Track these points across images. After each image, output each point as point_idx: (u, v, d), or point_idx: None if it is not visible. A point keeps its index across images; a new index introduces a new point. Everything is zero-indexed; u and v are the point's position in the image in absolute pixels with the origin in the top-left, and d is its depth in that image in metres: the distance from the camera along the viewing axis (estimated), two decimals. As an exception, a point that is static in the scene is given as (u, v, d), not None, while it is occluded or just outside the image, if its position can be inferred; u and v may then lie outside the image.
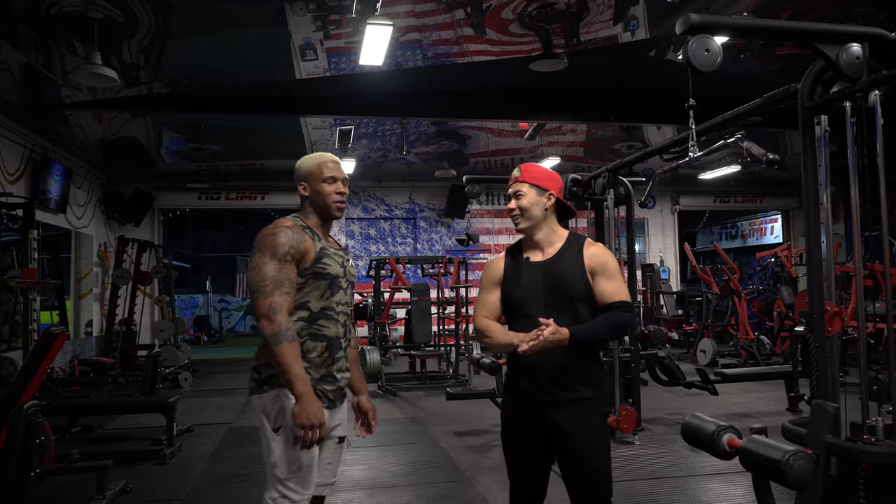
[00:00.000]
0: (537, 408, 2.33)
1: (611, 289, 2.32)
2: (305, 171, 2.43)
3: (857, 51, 2.90)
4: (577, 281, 2.32)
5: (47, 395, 6.28)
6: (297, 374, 2.15)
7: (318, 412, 2.14)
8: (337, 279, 2.37)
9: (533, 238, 2.43)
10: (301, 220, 2.40)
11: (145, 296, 12.05)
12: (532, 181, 2.41)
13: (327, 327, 2.34)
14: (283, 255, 2.24)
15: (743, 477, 4.17)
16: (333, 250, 2.41)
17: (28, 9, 6.12)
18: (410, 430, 6.33)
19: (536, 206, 2.39)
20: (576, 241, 2.41)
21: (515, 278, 2.41)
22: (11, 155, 8.56)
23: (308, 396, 2.14)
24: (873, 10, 6.45)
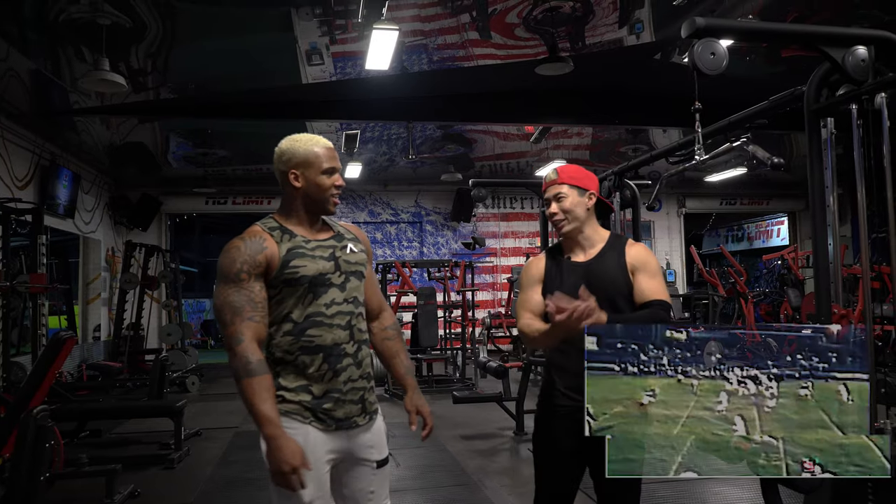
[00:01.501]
0: (574, 413, 2.17)
1: (651, 287, 2.27)
2: (301, 158, 2.09)
3: (863, 53, 2.90)
4: (620, 280, 2.28)
5: (56, 400, 6.32)
6: (262, 413, 1.87)
7: (289, 457, 1.86)
8: (320, 278, 2.04)
9: (575, 238, 2.38)
10: (274, 219, 2.12)
11: (153, 300, 12.10)
12: (571, 182, 2.36)
13: (320, 336, 2.02)
14: (235, 274, 1.96)
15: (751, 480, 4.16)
16: (316, 244, 2.09)
17: (37, 16, 6.16)
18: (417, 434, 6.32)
19: (579, 206, 2.35)
20: (618, 241, 2.39)
21: (557, 278, 2.34)
22: (20, 161, 8.61)
23: (277, 440, 1.86)
24: (879, 13, 6.43)
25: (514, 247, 14.10)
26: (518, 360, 8.92)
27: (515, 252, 14.03)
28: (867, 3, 6.37)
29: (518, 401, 6.19)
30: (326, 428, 2.03)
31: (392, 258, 13.20)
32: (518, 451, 5.74)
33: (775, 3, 6.25)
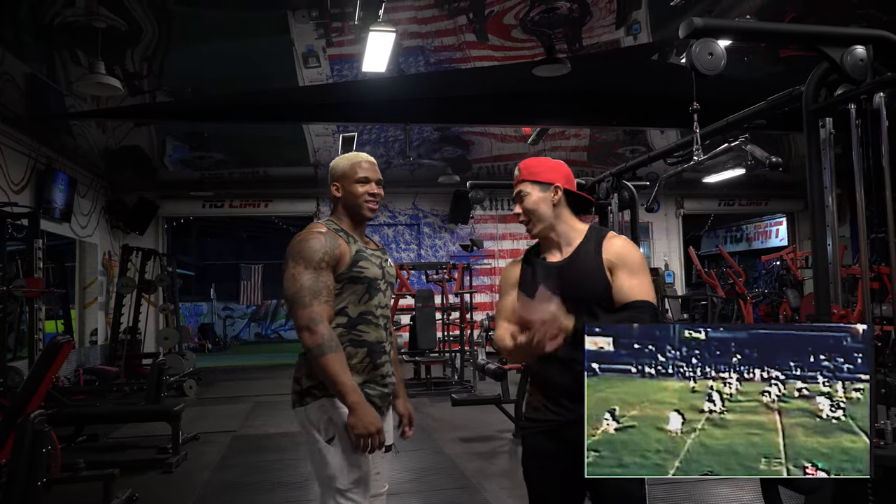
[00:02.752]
0: (557, 428, 2.06)
1: (631, 286, 2.03)
2: (339, 172, 2.38)
3: (862, 53, 2.89)
4: (595, 280, 2.04)
5: (53, 405, 6.29)
6: (346, 383, 2.11)
7: (373, 420, 2.11)
8: (375, 282, 2.30)
9: (549, 238, 2.17)
10: (334, 223, 2.35)
11: (150, 304, 12.07)
12: (531, 177, 2.16)
13: (367, 332, 2.27)
14: (318, 262, 2.18)
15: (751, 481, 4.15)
16: (371, 251, 2.35)
17: (32, 19, 6.14)
18: (416, 437, 6.29)
19: (543, 203, 2.13)
20: (595, 236, 2.13)
21: (531, 282, 2.12)
22: (16, 165, 8.59)
23: (361, 405, 2.10)
24: (877, 12, 6.44)
25: (513, 249, 14.09)
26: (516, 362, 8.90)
27: (514, 254, 14.00)
28: (865, 3, 6.37)
29: (517, 403, 6.18)
30: None
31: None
32: (517, 454, 5.73)
33: (773, 3, 6.25)
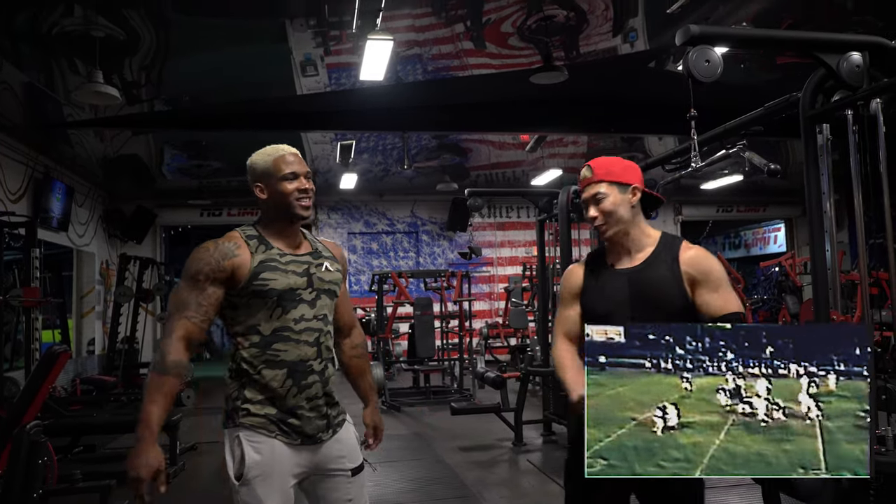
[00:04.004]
0: None
1: (719, 302, 1.96)
2: (261, 170, 2.10)
3: (858, 59, 2.90)
4: (672, 291, 1.98)
5: (50, 415, 6.25)
6: (146, 412, 1.85)
7: (148, 462, 1.81)
8: (290, 293, 2.02)
9: (621, 243, 2.07)
10: (254, 228, 2.11)
11: (147, 313, 12.04)
12: (609, 178, 2.06)
13: (286, 351, 2.00)
14: (194, 274, 1.98)
15: (752, 489, 4.13)
16: (291, 258, 2.07)
17: (30, 28, 6.15)
18: (415, 446, 6.29)
19: (622, 205, 2.04)
20: (671, 244, 2.06)
21: (597, 288, 2.07)
22: (13, 174, 8.58)
23: (143, 441, 1.82)
24: (873, 19, 6.46)
25: (511, 256, 14.09)
26: (516, 370, 8.88)
27: (512, 261, 14.01)
28: (861, 10, 6.40)
29: (516, 411, 6.16)
30: (292, 442, 2.01)
31: (388, 269, 13.16)
32: (517, 463, 5.70)
33: (769, 10, 6.27)
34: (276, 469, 1.96)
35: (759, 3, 6.20)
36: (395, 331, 11.38)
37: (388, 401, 8.47)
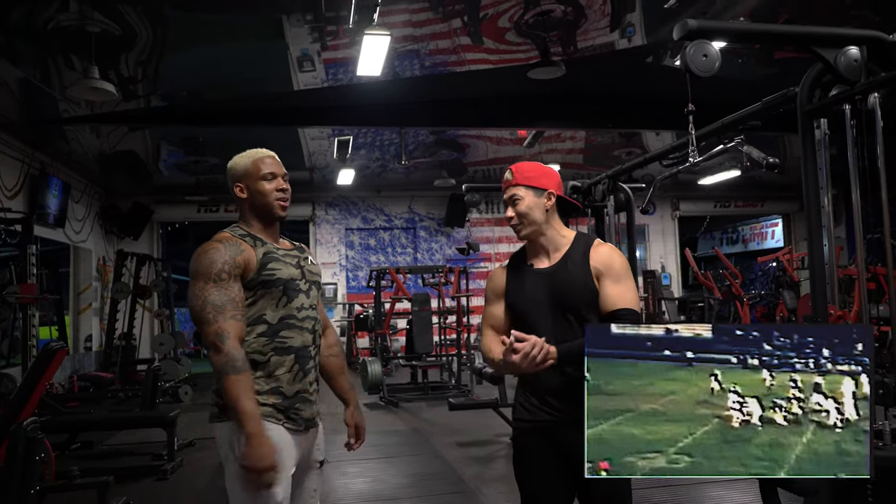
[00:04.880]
0: (548, 427, 2.11)
1: (614, 293, 2.07)
2: (241, 172, 2.21)
3: (855, 53, 2.89)
4: (583, 288, 2.09)
5: (47, 412, 6.26)
6: (247, 411, 1.92)
7: (267, 455, 1.92)
8: (292, 282, 2.14)
9: (537, 242, 2.20)
10: (241, 227, 2.19)
11: (145, 309, 12.02)
12: (526, 182, 2.17)
13: (292, 337, 2.11)
14: (217, 274, 2.02)
15: (750, 484, 4.14)
16: (284, 251, 2.19)
17: (25, 24, 6.12)
18: (412, 442, 6.29)
19: (536, 209, 2.16)
20: (582, 243, 2.17)
21: (518, 289, 2.19)
22: (9, 170, 8.55)
23: (258, 437, 1.92)
24: (870, 13, 6.45)
25: (509, 252, 14.03)
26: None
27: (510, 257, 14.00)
28: (858, 4, 6.39)
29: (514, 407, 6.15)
30: (297, 428, 2.11)
31: (386, 264, 13.17)
32: (514, 458, 5.70)
33: (767, 4, 6.27)
34: (283, 454, 2.02)
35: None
36: (393, 327, 11.38)
37: (385, 396, 8.47)
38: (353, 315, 12.77)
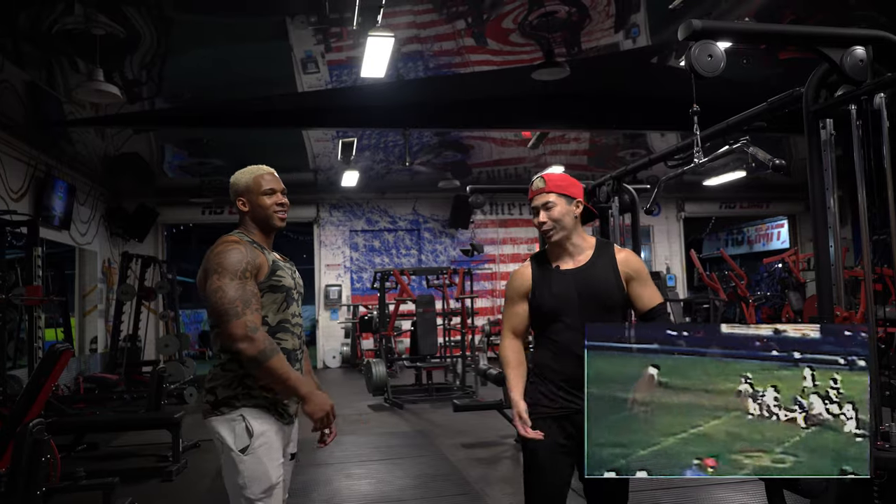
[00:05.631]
0: (568, 415, 2.29)
1: (647, 294, 2.37)
2: (243, 187, 2.39)
3: (861, 54, 2.88)
4: (613, 288, 2.33)
5: (52, 413, 6.26)
6: (297, 378, 2.19)
7: (325, 400, 2.22)
8: (290, 291, 2.35)
9: (564, 247, 2.39)
10: (246, 234, 2.36)
11: (150, 311, 12.05)
12: (559, 190, 2.37)
13: (285, 340, 2.30)
14: (242, 272, 2.19)
15: (756, 486, 4.13)
16: (282, 262, 2.39)
17: (31, 27, 6.14)
18: (417, 443, 6.29)
19: (567, 215, 2.37)
20: (606, 248, 2.41)
21: (546, 287, 2.36)
22: (15, 172, 8.58)
23: (314, 394, 2.21)
24: (875, 13, 6.43)
25: (513, 253, 14.07)
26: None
27: (514, 258, 14.00)
28: (863, 4, 6.37)
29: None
30: (284, 422, 2.31)
31: (390, 266, 13.17)
32: (520, 459, 5.68)
33: (772, 4, 6.25)
34: (276, 443, 2.25)
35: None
36: (398, 328, 11.38)
37: (390, 398, 8.47)
38: (358, 317, 12.77)
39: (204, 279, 2.22)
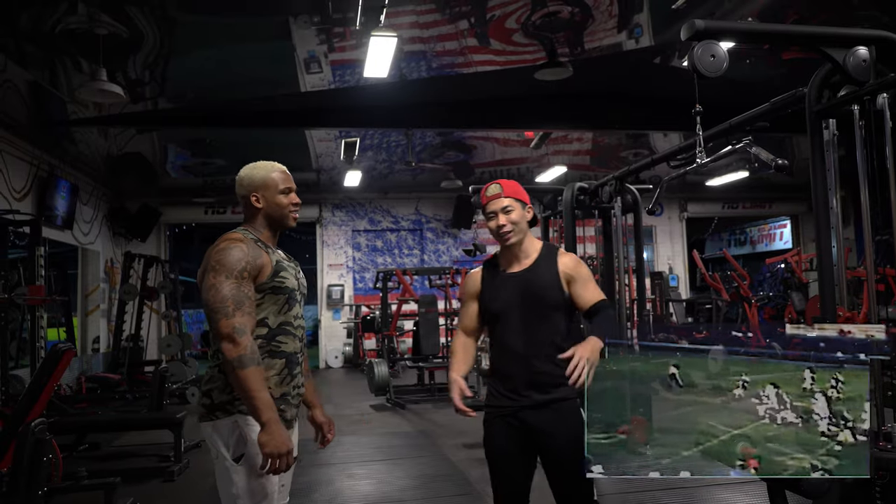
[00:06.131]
0: (515, 412, 2.42)
1: (590, 292, 2.45)
2: (259, 182, 2.30)
3: (864, 54, 2.87)
4: (554, 289, 2.43)
5: (55, 413, 6.27)
6: (263, 400, 2.02)
7: (285, 440, 2.02)
8: (293, 293, 2.27)
9: (514, 251, 2.52)
10: (250, 232, 2.27)
11: (152, 311, 12.06)
12: (515, 195, 2.50)
13: (286, 343, 2.23)
14: (239, 272, 2.11)
15: (757, 487, 4.11)
16: (286, 262, 2.32)
17: (34, 27, 6.15)
18: (419, 444, 6.28)
19: (523, 219, 2.50)
20: (550, 251, 2.53)
21: (493, 289, 2.52)
22: (18, 172, 8.59)
23: (275, 424, 2.02)
24: (878, 13, 6.42)
25: (515, 253, 14.05)
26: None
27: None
28: (866, 4, 6.36)
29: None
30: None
31: (393, 266, 13.17)
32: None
33: (775, 5, 6.24)
34: None
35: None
36: (400, 328, 11.37)
37: (392, 398, 8.47)
38: (360, 316, 12.77)
39: (202, 276, 2.16)
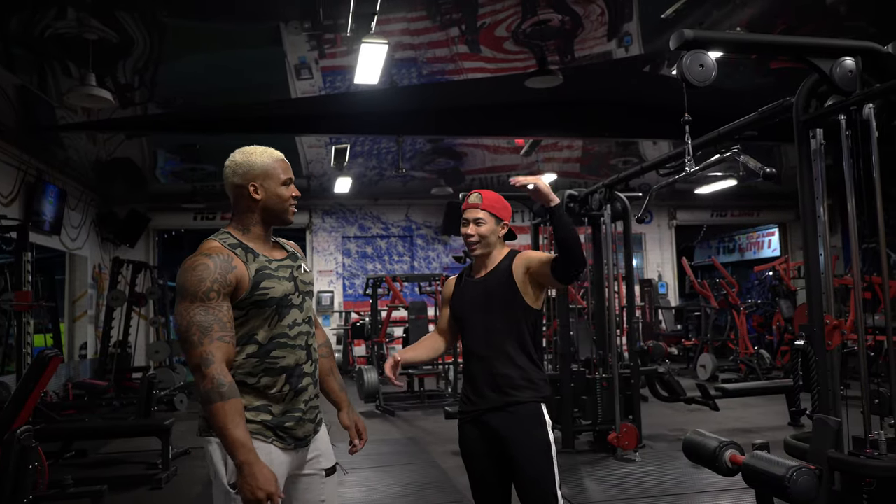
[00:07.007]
0: (479, 415, 2.46)
1: (542, 255, 2.48)
2: (259, 170, 2.07)
3: (851, 64, 2.91)
4: (507, 288, 2.48)
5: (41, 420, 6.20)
6: (236, 439, 1.81)
7: (264, 482, 1.80)
8: (285, 299, 2.04)
9: (482, 259, 2.58)
10: (233, 235, 2.06)
11: (140, 317, 11.98)
12: (491, 210, 2.55)
13: (283, 357, 2.01)
14: (204, 293, 1.89)
15: (746, 494, 4.13)
16: (278, 263, 2.07)
17: (23, 31, 6.12)
18: (409, 451, 6.27)
19: (493, 234, 2.55)
20: (509, 255, 2.58)
21: (460, 296, 2.61)
22: (5, 177, 8.54)
23: (251, 466, 1.80)
24: (865, 24, 6.49)
25: (505, 260, 14.07)
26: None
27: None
28: (854, 15, 6.42)
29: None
30: (286, 447, 2.02)
31: (383, 272, 13.16)
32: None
33: (763, 15, 6.29)
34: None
35: (753, 8, 6.22)
36: (390, 335, 11.35)
37: (382, 405, 8.45)
38: (350, 323, 12.74)
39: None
